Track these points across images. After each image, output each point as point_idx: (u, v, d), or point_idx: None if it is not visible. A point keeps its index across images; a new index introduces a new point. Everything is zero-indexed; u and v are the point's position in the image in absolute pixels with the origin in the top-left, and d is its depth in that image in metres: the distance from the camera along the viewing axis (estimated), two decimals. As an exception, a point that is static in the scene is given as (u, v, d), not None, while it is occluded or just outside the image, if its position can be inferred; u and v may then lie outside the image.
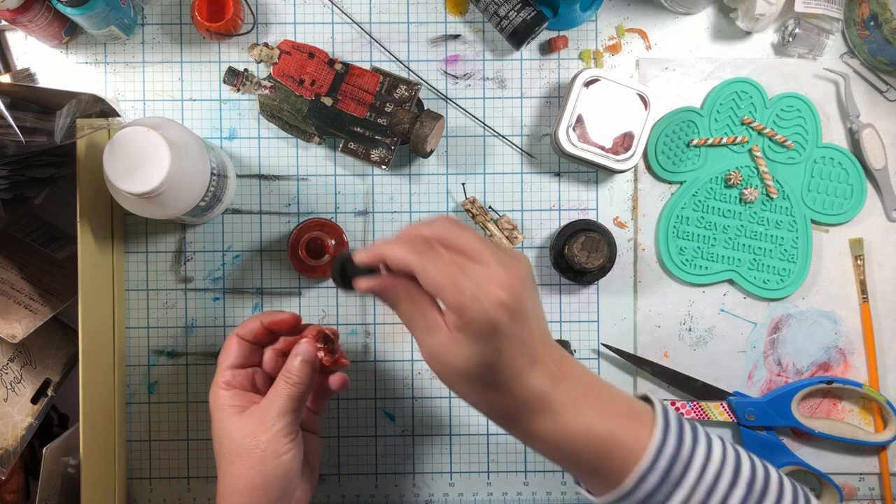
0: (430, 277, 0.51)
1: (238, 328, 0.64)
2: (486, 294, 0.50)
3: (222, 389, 0.62)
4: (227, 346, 0.64)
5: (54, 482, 0.68)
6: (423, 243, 0.53)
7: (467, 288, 0.50)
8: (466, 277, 0.51)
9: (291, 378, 0.60)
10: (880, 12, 0.71)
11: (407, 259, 0.52)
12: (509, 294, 0.51)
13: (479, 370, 0.51)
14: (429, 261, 0.52)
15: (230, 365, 0.63)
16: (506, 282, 0.51)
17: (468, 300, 0.50)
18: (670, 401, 0.75)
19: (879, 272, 0.76)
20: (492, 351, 0.51)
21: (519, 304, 0.51)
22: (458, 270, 0.51)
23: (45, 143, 0.63)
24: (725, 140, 0.75)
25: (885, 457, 0.76)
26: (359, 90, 0.74)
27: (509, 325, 0.51)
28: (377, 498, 0.76)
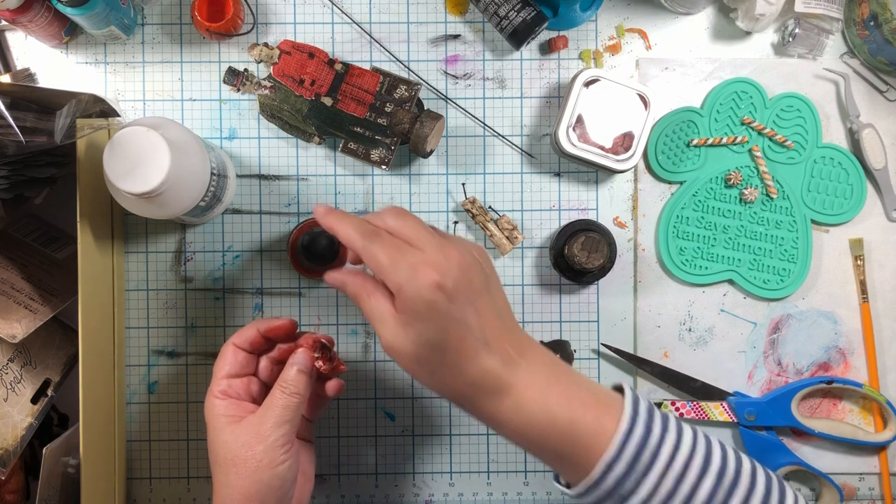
0: (373, 258, 0.54)
1: (234, 337, 0.63)
2: (420, 275, 0.53)
3: (218, 399, 0.61)
4: (223, 355, 0.63)
5: (54, 482, 0.68)
6: (371, 227, 0.56)
7: (403, 269, 0.53)
8: (404, 261, 0.54)
9: (288, 388, 0.60)
10: (880, 12, 0.71)
11: (352, 238, 0.56)
12: (444, 276, 0.53)
13: (426, 351, 0.54)
14: (372, 243, 0.55)
15: (226, 374, 0.62)
16: (441, 265, 0.53)
17: (403, 280, 0.53)
18: (671, 401, 0.75)
19: (879, 272, 0.76)
20: (435, 331, 0.53)
21: (456, 287, 0.53)
22: (398, 253, 0.54)
23: (45, 143, 0.63)
24: (725, 140, 0.75)
25: (885, 457, 0.76)
26: (359, 90, 0.74)
27: (448, 307, 0.53)
28: (377, 498, 0.76)
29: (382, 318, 0.55)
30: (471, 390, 0.55)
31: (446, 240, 0.56)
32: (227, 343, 0.63)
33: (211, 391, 0.62)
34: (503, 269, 0.76)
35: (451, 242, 0.56)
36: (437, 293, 0.53)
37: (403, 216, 0.57)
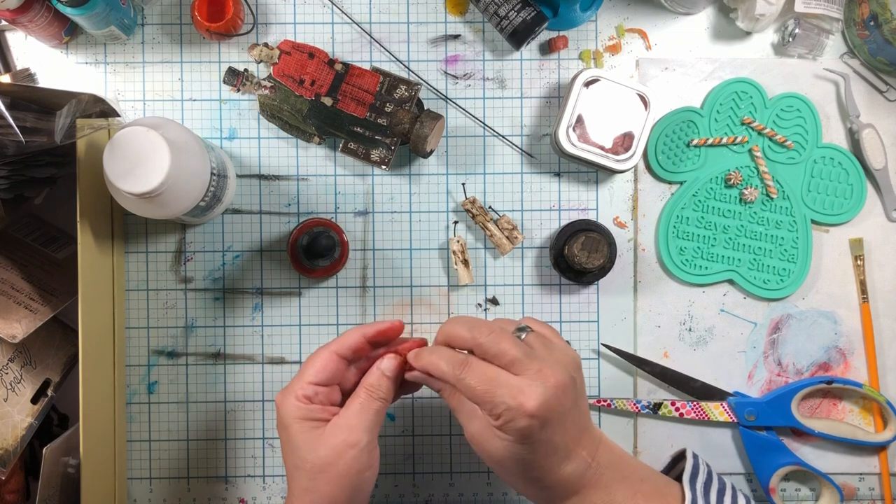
0: (468, 390, 0.56)
1: (334, 344, 0.60)
2: (518, 409, 0.54)
3: (300, 402, 0.58)
4: (318, 362, 0.60)
5: (54, 482, 0.68)
6: (461, 358, 0.57)
7: (501, 403, 0.54)
8: (501, 391, 0.55)
9: (375, 392, 0.59)
10: (880, 12, 0.71)
11: (445, 374, 0.57)
12: (543, 407, 0.54)
13: (510, 463, 0.56)
14: (467, 375, 0.56)
15: (317, 381, 0.59)
16: (540, 395, 0.54)
17: (502, 413, 0.54)
18: (671, 401, 0.75)
19: (879, 272, 0.76)
20: (525, 452, 0.55)
21: (550, 414, 0.55)
22: (493, 384, 0.55)
23: (45, 143, 0.63)
24: (725, 140, 0.75)
25: (885, 457, 0.76)
26: (359, 90, 0.74)
27: (540, 433, 0.55)
28: (377, 498, 0.76)
29: (471, 417, 0.57)
30: (545, 494, 0.58)
31: (541, 358, 0.56)
32: (325, 349, 0.60)
33: (293, 392, 0.59)
34: (503, 269, 0.76)
35: (547, 361, 0.56)
36: (532, 422, 0.54)
37: (498, 335, 0.57)
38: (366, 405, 0.59)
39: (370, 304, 0.76)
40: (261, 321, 0.76)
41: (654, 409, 0.75)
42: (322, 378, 0.59)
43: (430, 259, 0.76)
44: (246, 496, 0.76)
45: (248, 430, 0.76)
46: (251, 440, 0.76)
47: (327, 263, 0.73)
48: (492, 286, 0.76)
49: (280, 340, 0.76)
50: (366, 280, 0.76)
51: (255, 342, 0.76)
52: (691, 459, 0.63)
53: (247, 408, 0.76)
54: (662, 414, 0.75)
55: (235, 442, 0.76)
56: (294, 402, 0.58)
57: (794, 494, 0.76)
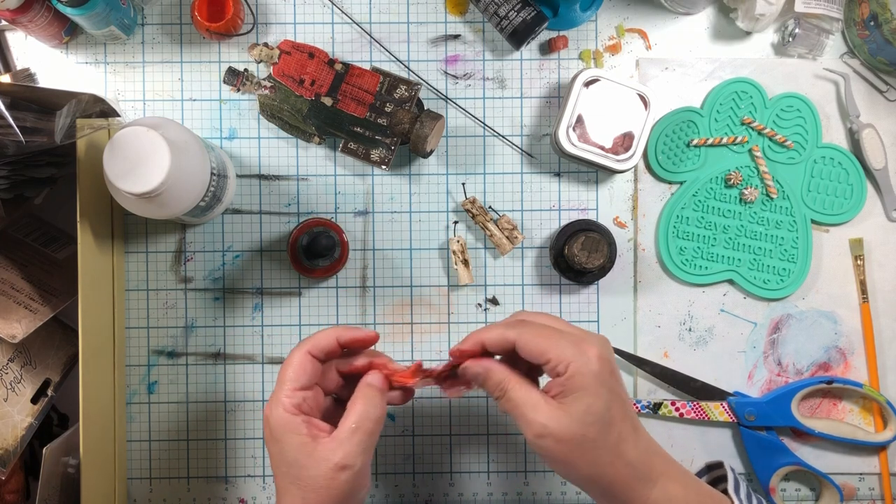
0: (532, 343, 0.56)
1: (308, 344, 0.59)
2: (585, 348, 0.55)
3: (290, 413, 0.56)
4: (296, 364, 0.58)
5: (54, 482, 0.68)
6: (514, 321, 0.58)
7: (568, 345, 0.55)
8: (562, 341, 0.55)
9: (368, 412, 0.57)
10: (880, 12, 0.71)
11: (505, 334, 0.57)
12: (605, 350, 0.56)
13: (592, 430, 0.54)
14: (525, 331, 0.56)
15: (300, 386, 0.57)
16: (598, 341, 0.56)
17: (570, 355, 0.55)
18: (671, 401, 0.75)
19: (879, 272, 0.76)
20: (602, 405, 0.55)
21: (612, 364, 0.56)
22: (556, 334, 0.56)
23: (45, 143, 0.63)
24: (725, 140, 0.75)
25: (885, 457, 0.76)
26: (359, 90, 0.74)
27: (611, 380, 0.55)
28: (377, 498, 0.76)
29: (535, 405, 0.55)
30: (629, 474, 0.56)
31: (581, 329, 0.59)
32: (299, 349, 0.59)
33: (280, 402, 0.57)
34: (503, 269, 0.76)
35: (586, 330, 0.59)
36: (603, 365, 0.55)
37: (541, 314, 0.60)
38: (359, 425, 0.56)
39: (370, 304, 0.76)
40: (261, 321, 0.76)
41: (654, 409, 0.75)
42: (302, 382, 0.58)
43: (430, 259, 0.76)
44: (246, 496, 0.76)
45: (248, 430, 0.76)
46: (251, 440, 0.76)
47: (327, 263, 0.73)
48: (492, 286, 0.76)
49: (280, 340, 0.76)
50: (366, 280, 0.76)
51: (255, 342, 0.76)
52: (731, 473, 0.64)
53: (247, 408, 0.76)
54: (662, 414, 0.75)
55: (235, 442, 0.76)
56: (283, 415, 0.56)
57: (794, 494, 0.76)
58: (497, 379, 0.57)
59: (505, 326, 0.58)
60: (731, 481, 0.63)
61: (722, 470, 0.67)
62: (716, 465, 0.68)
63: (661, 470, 0.57)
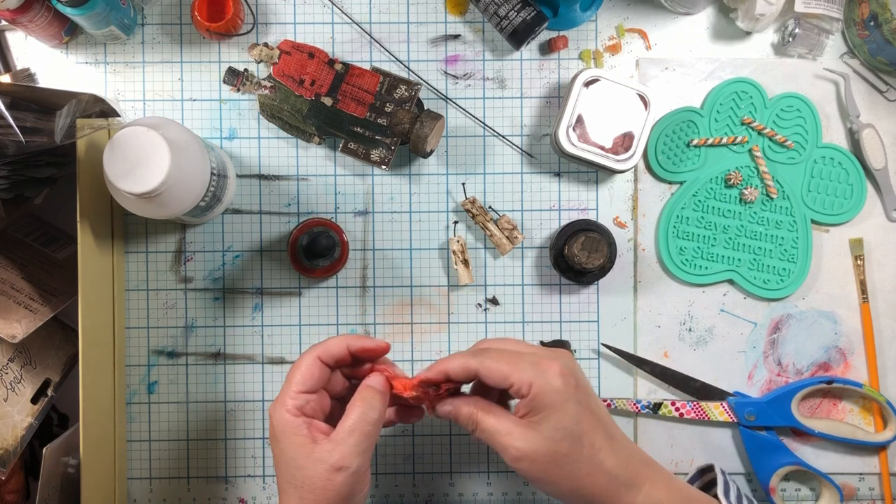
0: (494, 369, 0.57)
1: (319, 349, 0.59)
2: (546, 367, 0.56)
3: (292, 415, 0.57)
4: (304, 368, 0.58)
5: (54, 482, 0.68)
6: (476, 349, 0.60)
7: (528, 367, 0.56)
8: (522, 363, 0.56)
9: (367, 414, 0.57)
10: (880, 12, 0.71)
11: (467, 363, 0.58)
12: (564, 366, 0.57)
13: (564, 445, 0.55)
14: (487, 357, 0.57)
15: (305, 389, 0.58)
16: (558, 358, 0.57)
17: (532, 375, 0.56)
18: (671, 401, 0.75)
19: (879, 272, 0.76)
20: (569, 419, 0.56)
21: (577, 377, 0.57)
22: (516, 357, 0.57)
23: (45, 143, 0.63)
24: (725, 140, 0.75)
25: (885, 457, 0.76)
26: (359, 90, 0.74)
27: (577, 393, 0.56)
28: (377, 498, 0.76)
29: (508, 430, 0.56)
30: (609, 483, 0.57)
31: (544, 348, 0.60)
32: (309, 354, 0.59)
33: (284, 403, 0.57)
34: (503, 269, 0.76)
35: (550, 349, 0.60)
36: (567, 379, 0.56)
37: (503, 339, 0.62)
38: (357, 427, 0.56)
39: (370, 304, 0.76)
40: (261, 321, 0.76)
41: (654, 409, 0.75)
42: (308, 385, 0.58)
43: (430, 259, 0.76)
44: (246, 496, 0.76)
45: (248, 430, 0.76)
46: (251, 440, 0.76)
47: (327, 263, 0.73)
48: (492, 286, 0.76)
49: (280, 340, 0.76)
50: (366, 280, 0.76)
51: (255, 342, 0.76)
52: (721, 476, 0.64)
53: (247, 408, 0.76)
54: (662, 414, 0.75)
55: (235, 442, 0.76)
56: (285, 416, 0.57)
57: (794, 494, 0.76)
58: (466, 413, 0.59)
59: (468, 355, 0.58)
60: (721, 484, 0.63)
61: (713, 473, 0.67)
62: (707, 469, 0.69)
63: (646, 475, 0.58)
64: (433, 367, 0.59)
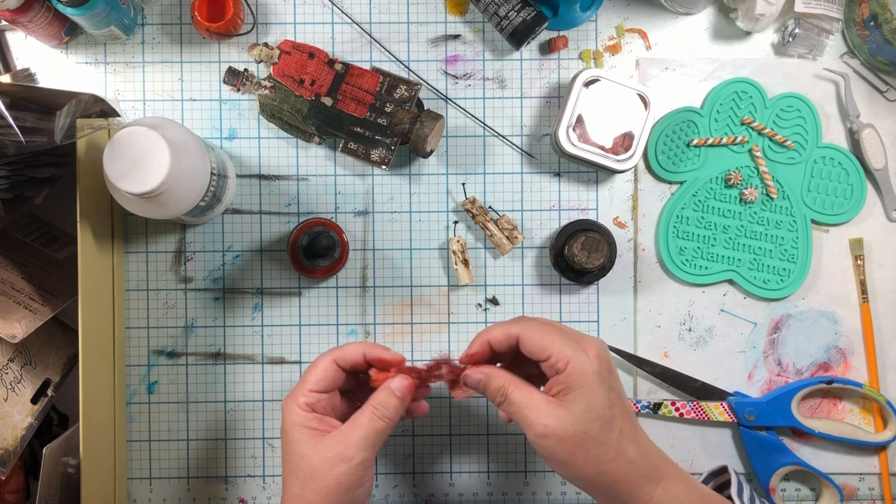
0: (535, 338, 0.57)
1: (336, 353, 0.61)
2: (584, 345, 0.57)
3: (302, 410, 0.59)
4: (319, 369, 0.60)
5: (54, 482, 0.68)
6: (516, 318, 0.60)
7: (568, 343, 0.56)
8: (562, 338, 0.57)
9: (379, 411, 0.58)
10: (880, 12, 0.71)
11: (509, 329, 0.58)
12: (603, 349, 0.58)
13: (594, 427, 0.55)
14: (528, 326, 0.58)
15: (318, 389, 0.60)
16: (595, 341, 0.58)
17: (571, 352, 0.56)
18: (671, 401, 0.75)
19: (879, 272, 0.76)
20: (601, 402, 0.55)
21: (610, 362, 0.58)
22: (551, 335, 0.57)
23: (45, 143, 0.63)
24: (725, 140, 0.75)
25: (885, 457, 0.76)
26: (359, 90, 0.74)
27: (610, 378, 0.57)
28: (377, 498, 0.76)
29: (537, 406, 0.56)
30: (632, 472, 0.56)
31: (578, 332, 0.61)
32: (325, 356, 0.61)
33: (295, 399, 0.59)
34: (503, 269, 0.76)
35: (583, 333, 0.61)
36: (602, 363, 0.57)
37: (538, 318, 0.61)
38: (367, 423, 0.58)
39: (370, 304, 0.76)
40: (261, 321, 0.76)
41: (654, 409, 0.75)
42: (321, 386, 0.60)
43: (430, 259, 0.76)
44: (246, 496, 0.76)
45: (248, 430, 0.76)
46: (251, 440, 0.76)
47: (327, 263, 0.73)
48: (492, 286, 0.76)
49: (280, 340, 0.76)
50: (366, 280, 0.76)
51: (255, 342, 0.76)
52: (735, 476, 0.65)
53: (247, 408, 0.76)
54: (662, 414, 0.75)
55: (235, 442, 0.76)
56: (295, 409, 0.59)
57: (794, 494, 0.76)
58: (497, 384, 0.58)
59: (508, 324, 0.59)
60: (735, 485, 0.63)
61: (725, 475, 0.67)
62: (718, 472, 0.69)
63: (664, 470, 0.58)
64: (475, 341, 0.60)
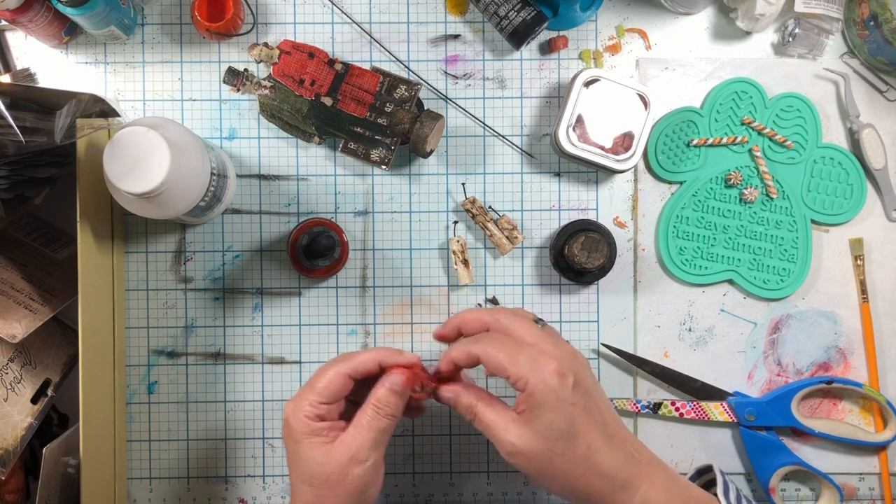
0: (494, 359, 0.57)
1: (348, 367, 0.60)
2: (542, 364, 0.55)
3: (309, 419, 0.59)
4: (328, 379, 0.60)
5: (54, 482, 0.68)
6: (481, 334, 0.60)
7: (526, 362, 0.56)
8: (522, 353, 0.56)
9: (383, 409, 0.59)
10: (880, 12, 0.71)
11: (471, 350, 0.58)
12: (563, 365, 0.56)
13: (559, 445, 0.55)
14: (489, 344, 0.58)
15: (326, 400, 0.59)
16: (558, 355, 0.56)
17: (527, 371, 0.55)
18: (671, 401, 0.75)
19: (879, 272, 0.76)
20: (563, 420, 0.55)
21: (576, 376, 0.56)
22: (515, 348, 0.57)
23: (45, 143, 0.63)
24: (725, 140, 0.75)
25: (885, 457, 0.76)
26: (359, 90, 0.74)
27: (572, 395, 0.56)
28: (377, 498, 0.76)
29: (504, 425, 0.57)
30: (605, 485, 0.56)
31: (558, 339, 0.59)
32: (336, 368, 0.60)
33: (302, 408, 0.59)
34: (503, 269, 0.76)
35: (561, 340, 0.59)
36: (562, 380, 0.55)
37: (517, 315, 0.60)
38: (373, 423, 0.58)
39: (370, 304, 0.76)
40: (261, 321, 0.76)
41: (654, 409, 0.75)
42: (331, 397, 0.60)
43: (430, 259, 0.76)
44: (246, 496, 0.76)
45: (248, 430, 0.76)
46: (251, 440, 0.76)
47: (327, 263, 0.73)
48: (492, 286, 0.76)
49: (280, 340, 0.76)
50: (366, 280, 0.76)
51: (255, 342, 0.76)
52: (721, 476, 0.65)
53: (247, 408, 0.76)
54: (662, 414, 0.75)
55: (235, 442, 0.76)
56: (304, 420, 0.59)
57: (794, 494, 0.76)
58: (465, 403, 0.59)
59: (471, 342, 0.59)
60: (721, 485, 0.63)
61: (712, 474, 0.67)
62: (706, 470, 0.69)
63: (645, 475, 0.58)
64: (443, 359, 0.61)
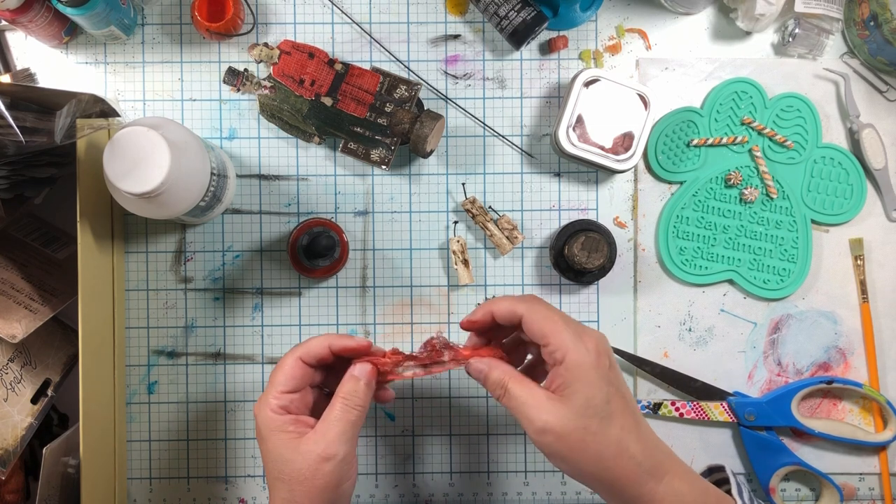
0: (538, 322, 0.57)
1: (300, 350, 0.60)
2: (585, 339, 0.56)
3: (276, 413, 0.58)
4: (286, 369, 0.60)
5: (54, 482, 0.68)
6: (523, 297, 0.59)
7: (569, 334, 0.56)
8: (567, 327, 0.56)
9: (350, 401, 0.58)
10: (880, 12, 0.71)
11: (515, 306, 0.58)
12: (602, 344, 0.57)
13: (593, 423, 0.54)
14: (533, 308, 0.57)
15: (287, 389, 0.59)
16: (598, 336, 0.57)
17: (571, 344, 0.55)
18: (671, 401, 0.75)
19: (879, 272, 0.76)
20: (600, 398, 0.55)
21: (610, 358, 0.56)
22: (561, 320, 0.57)
23: (45, 143, 0.63)
24: (725, 140, 0.75)
25: (885, 457, 0.76)
26: (359, 90, 0.74)
27: (610, 373, 0.56)
28: (377, 498, 0.76)
29: (537, 402, 0.55)
30: (635, 469, 0.55)
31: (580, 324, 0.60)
32: (290, 355, 0.60)
33: (267, 403, 0.59)
34: (503, 269, 0.76)
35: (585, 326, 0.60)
36: (601, 357, 0.55)
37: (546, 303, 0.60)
38: (341, 416, 0.58)
39: (370, 304, 0.76)
40: (261, 321, 0.76)
41: (654, 409, 0.75)
42: (291, 386, 0.59)
43: (430, 259, 0.76)
44: (246, 496, 0.76)
45: (249, 430, 0.76)
46: (251, 440, 0.76)
47: (327, 263, 0.73)
48: (492, 286, 0.76)
49: (280, 340, 0.76)
50: (366, 280, 0.76)
51: (255, 342, 0.76)
52: (734, 477, 0.64)
53: (247, 408, 0.76)
54: (662, 414, 0.75)
55: (235, 442, 0.76)
56: (270, 415, 0.58)
57: (794, 494, 0.76)
58: (497, 377, 0.58)
59: (517, 299, 0.59)
60: (735, 485, 0.63)
61: (723, 473, 0.67)
62: (717, 469, 0.68)
63: (668, 466, 0.57)
64: (480, 309, 0.60)
